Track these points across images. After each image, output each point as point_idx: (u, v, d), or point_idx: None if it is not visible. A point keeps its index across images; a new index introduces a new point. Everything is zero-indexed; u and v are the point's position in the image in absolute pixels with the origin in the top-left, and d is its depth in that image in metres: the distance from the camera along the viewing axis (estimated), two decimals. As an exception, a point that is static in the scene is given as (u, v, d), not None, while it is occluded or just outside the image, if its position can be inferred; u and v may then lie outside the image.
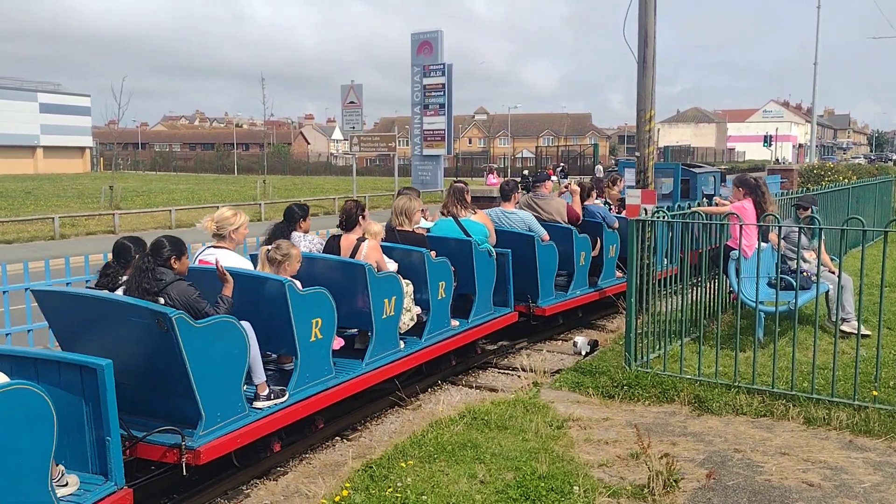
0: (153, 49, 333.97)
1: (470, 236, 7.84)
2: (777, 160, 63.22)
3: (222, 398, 4.92)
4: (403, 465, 4.82)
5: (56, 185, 46.18)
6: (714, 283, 7.86)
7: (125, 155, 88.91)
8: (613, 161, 53.75)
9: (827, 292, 7.72)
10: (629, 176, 12.44)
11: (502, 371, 8.19)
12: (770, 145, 66.27)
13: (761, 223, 7.30)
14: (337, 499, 4.42)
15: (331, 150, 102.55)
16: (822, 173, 26.87)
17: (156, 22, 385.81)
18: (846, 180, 20.63)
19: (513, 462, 4.88)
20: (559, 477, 4.61)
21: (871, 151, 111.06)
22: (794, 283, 6.42)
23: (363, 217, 6.90)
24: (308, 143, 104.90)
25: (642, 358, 6.80)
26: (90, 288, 5.54)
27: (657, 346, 6.95)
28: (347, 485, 4.60)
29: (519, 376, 7.40)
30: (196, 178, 61.37)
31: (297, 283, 5.65)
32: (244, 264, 5.92)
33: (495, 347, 8.87)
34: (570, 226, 9.24)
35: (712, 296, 7.86)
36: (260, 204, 27.56)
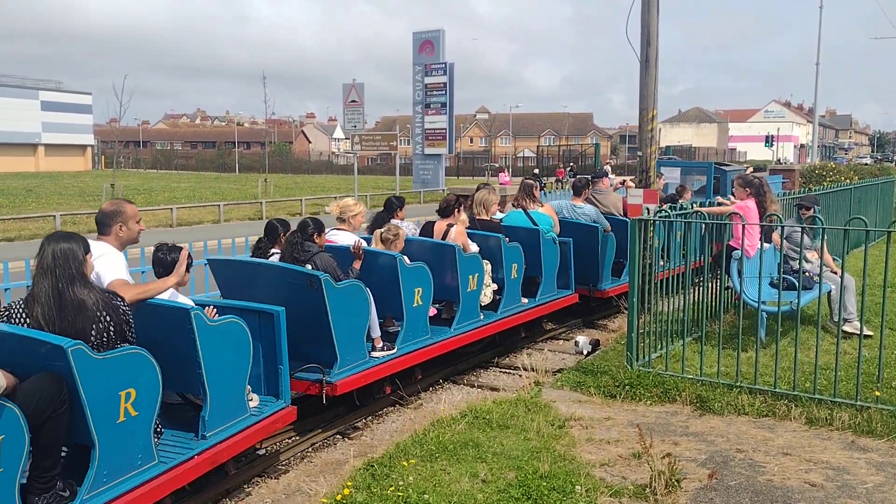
0: (155, 48, 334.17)
1: (537, 226, 8.89)
2: (779, 160, 63.17)
3: (351, 345, 6.19)
4: (405, 463, 4.81)
5: (57, 182, 46.21)
6: (716, 282, 7.85)
7: (126, 153, 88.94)
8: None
9: (829, 292, 7.70)
10: (671, 174, 15.42)
11: (504, 370, 8.18)
12: (771, 145, 66.18)
13: (764, 223, 7.29)
14: (338, 497, 4.40)
15: (332, 148, 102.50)
16: (824, 174, 26.88)
17: (157, 21, 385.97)
18: (848, 181, 20.62)
19: (514, 461, 4.87)
20: (561, 476, 4.59)
21: (874, 152, 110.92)
22: (797, 284, 6.41)
23: (459, 210, 8.12)
24: (309, 142, 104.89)
25: (644, 357, 6.79)
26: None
27: (659, 346, 6.94)
28: (349, 483, 4.59)
29: (520, 376, 7.40)
30: (197, 177, 61.39)
31: (406, 257, 6.84)
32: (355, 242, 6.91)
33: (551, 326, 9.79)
34: (625, 218, 9.96)
35: (714, 296, 7.85)
36: (261, 202, 27.57)
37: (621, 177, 12.72)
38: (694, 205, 8.73)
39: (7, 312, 4.16)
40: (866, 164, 38.64)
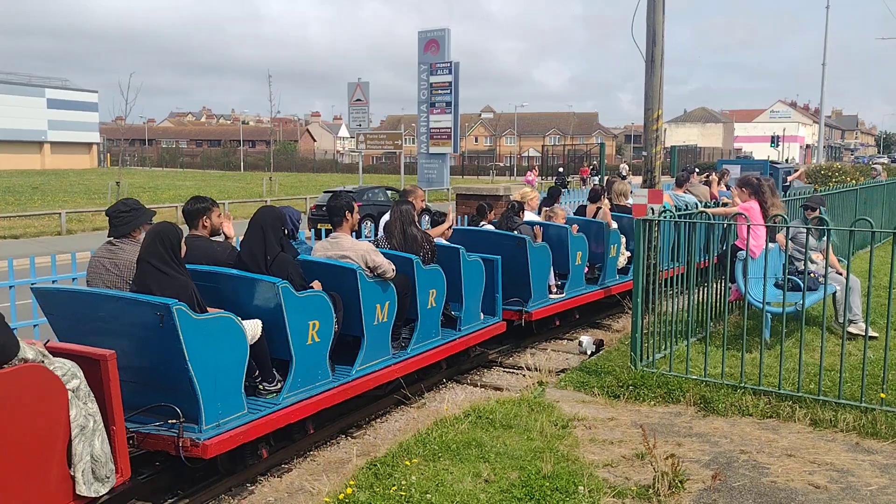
0: (163, 46, 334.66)
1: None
2: (787, 161, 63.00)
3: (539, 289, 8.72)
4: (408, 463, 4.81)
5: (63, 180, 46.34)
6: (721, 283, 7.82)
7: (132, 151, 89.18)
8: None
9: (834, 293, 7.68)
10: (734, 170, 19.06)
11: (507, 370, 8.17)
12: (777, 146, 66.02)
13: (769, 223, 7.27)
14: (341, 496, 4.40)
15: (337, 147, 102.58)
16: (830, 174, 26.84)
17: (164, 18, 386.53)
18: (853, 181, 20.56)
19: (517, 461, 4.86)
20: (564, 477, 4.59)
21: (880, 152, 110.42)
22: (802, 285, 6.38)
23: (603, 196, 10.71)
24: (314, 141, 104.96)
25: (648, 358, 6.77)
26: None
27: (663, 347, 6.92)
28: (352, 482, 4.60)
29: (524, 375, 7.39)
30: (202, 175, 61.50)
31: (575, 228, 9.40)
32: (537, 219, 9.82)
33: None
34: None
35: (719, 296, 7.83)
36: (266, 201, 27.60)
37: (704, 174, 16.90)
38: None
39: (375, 242, 7.09)
40: (884, 164, 38.65)
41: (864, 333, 5.96)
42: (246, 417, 5.02)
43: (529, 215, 9.82)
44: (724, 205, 11.70)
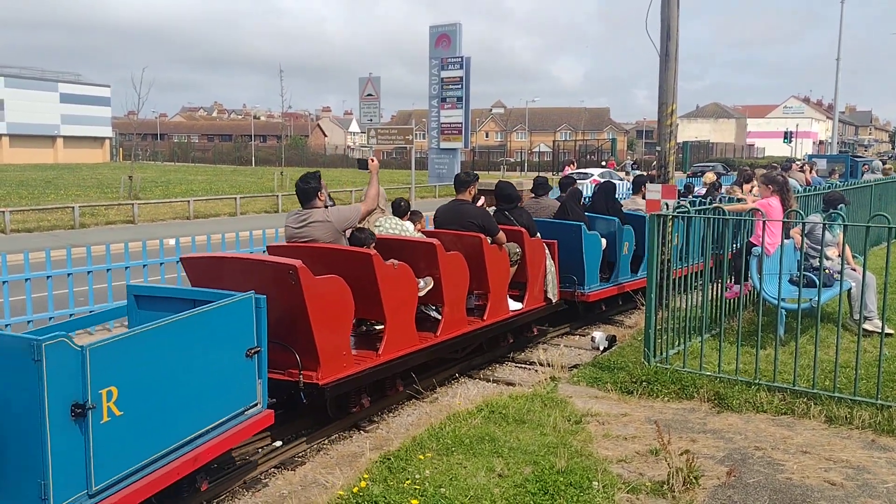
0: (174, 40, 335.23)
1: None
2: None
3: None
4: (421, 457, 4.81)
5: (76, 174, 46.57)
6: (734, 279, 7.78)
7: (144, 146, 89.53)
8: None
9: (850, 290, 7.63)
10: (820, 163, 22.79)
11: (519, 365, 8.17)
12: (790, 142, 65.57)
13: (785, 219, 7.22)
14: (355, 490, 4.41)
15: (348, 142, 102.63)
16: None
17: (177, 13, 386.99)
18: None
19: (531, 456, 4.86)
20: (578, 472, 4.58)
21: (894, 148, 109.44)
22: (817, 281, 6.35)
23: (753, 182, 13.01)
24: (325, 136, 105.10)
25: (661, 354, 6.75)
26: None
27: (677, 343, 6.90)
28: (365, 476, 4.60)
29: (536, 371, 7.39)
30: (214, 170, 61.65)
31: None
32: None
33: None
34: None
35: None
36: (277, 196, 27.65)
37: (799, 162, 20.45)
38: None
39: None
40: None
41: (879, 330, 5.92)
42: (598, 287, 9.41)
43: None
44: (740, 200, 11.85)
